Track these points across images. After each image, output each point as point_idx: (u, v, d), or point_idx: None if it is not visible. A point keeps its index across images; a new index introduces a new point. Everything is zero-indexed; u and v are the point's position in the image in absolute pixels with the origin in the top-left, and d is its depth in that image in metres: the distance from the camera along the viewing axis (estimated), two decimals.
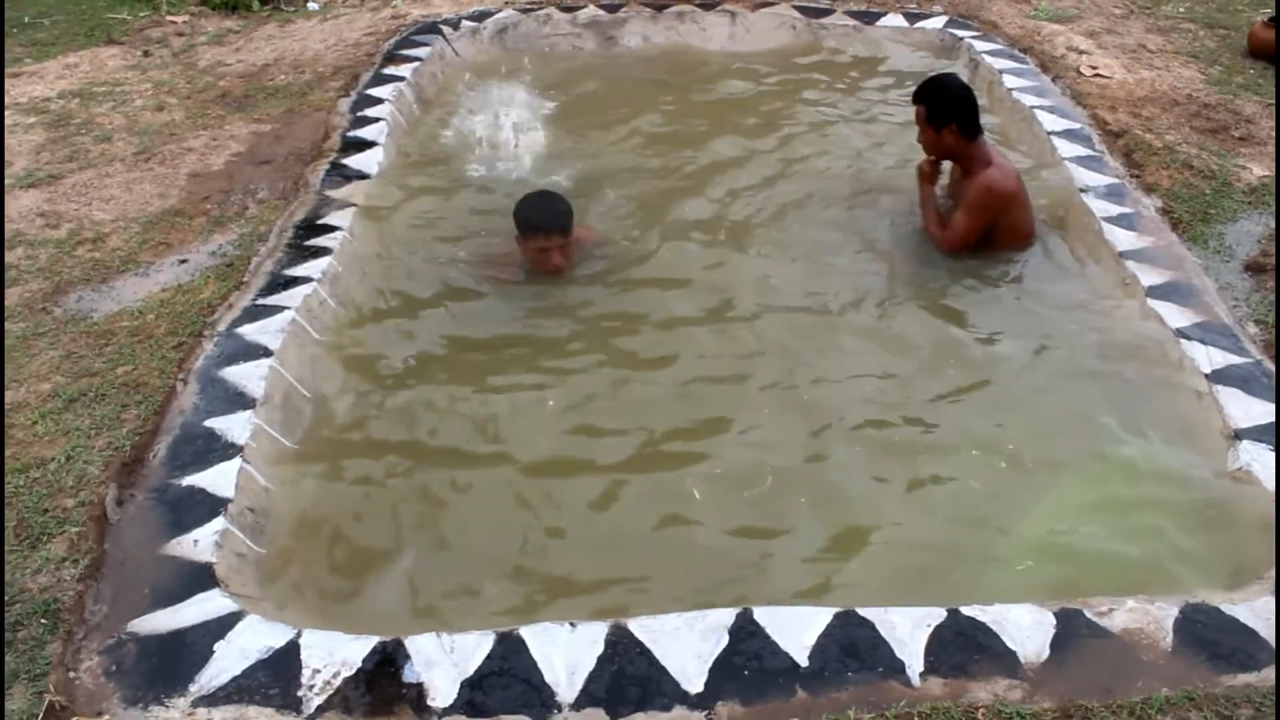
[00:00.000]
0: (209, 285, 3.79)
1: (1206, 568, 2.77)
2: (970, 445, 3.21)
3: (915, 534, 2.91)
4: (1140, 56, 5.93)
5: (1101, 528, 2.95)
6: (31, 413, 3.14)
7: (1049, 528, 2.95)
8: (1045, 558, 2.85)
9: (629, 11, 6.60)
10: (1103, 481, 3.11)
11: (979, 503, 3.03)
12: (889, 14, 6.55)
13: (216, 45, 6.54)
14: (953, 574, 2.78)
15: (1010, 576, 2.78)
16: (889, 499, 3.04)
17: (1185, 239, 4.07)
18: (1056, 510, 3.01)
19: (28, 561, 2.61)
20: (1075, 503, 3.04)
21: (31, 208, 4.42)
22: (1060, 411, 3.36)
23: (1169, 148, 4.73)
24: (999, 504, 3.02)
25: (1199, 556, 2.83)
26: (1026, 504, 3.02)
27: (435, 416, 3.36)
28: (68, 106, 5.53)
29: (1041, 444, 3.22)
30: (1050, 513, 3.00)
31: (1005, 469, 3.13)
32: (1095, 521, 2.97)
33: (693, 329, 3.77)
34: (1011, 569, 2.81)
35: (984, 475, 3.11)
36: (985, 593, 2.57)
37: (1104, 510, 3.02)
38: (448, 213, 4.53)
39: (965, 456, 3.18)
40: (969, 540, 2.91)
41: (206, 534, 2.71)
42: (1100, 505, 3.04)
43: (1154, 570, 2.77)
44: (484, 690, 2.29)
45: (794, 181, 4.75)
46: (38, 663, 2.34)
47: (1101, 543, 2.89)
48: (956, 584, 2.71)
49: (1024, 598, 2.50)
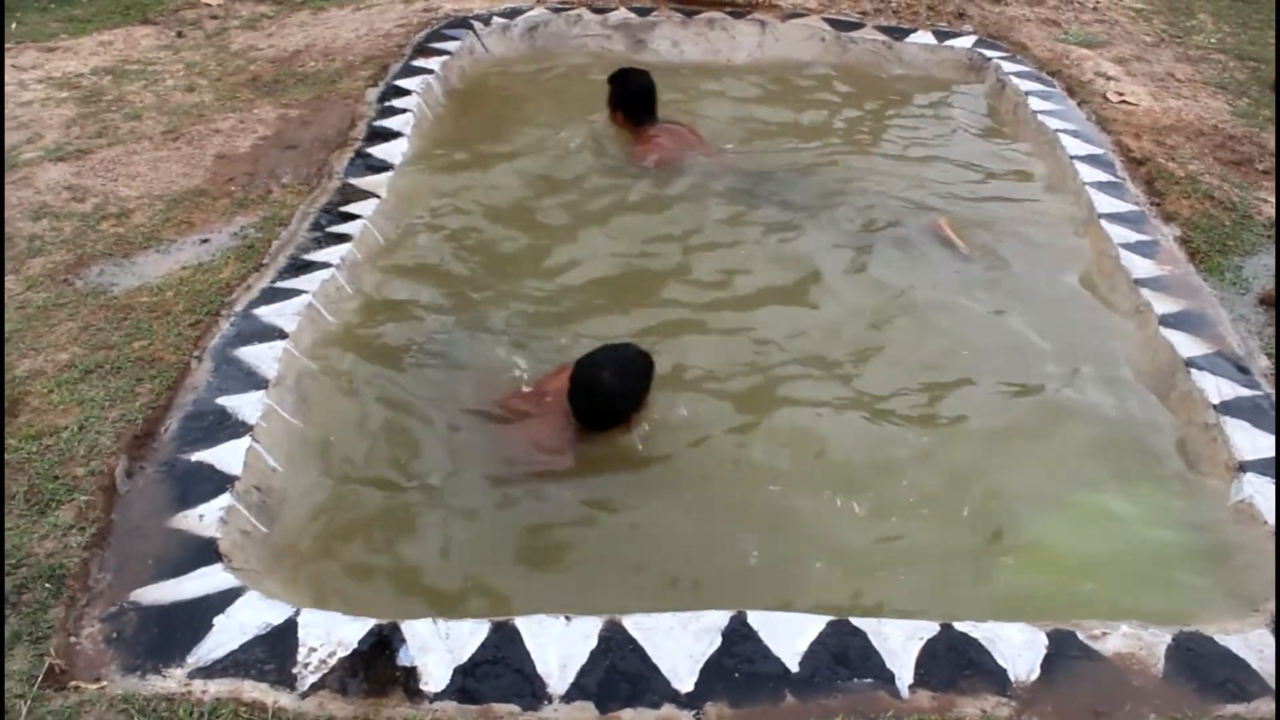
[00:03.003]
0: (229, 266, 3.84)
1: (1205, 599, 2.77)
2: (967, 467, 3.23)
3: (910, 552, 2.94)
4: (1168, 85, 5.92)
5: (1100, 556, 2.96)
6: (48, 381, 3.18)
7: (1048, 549, 2.96)
8: (1039, 572, 2.88)
9: (659, 16, 6.63)
10: (1104, 510, 3.12)
11: (976, 519, 3.04)
12: (918, 31, 6.56)
13: (249, 29, 6.60)
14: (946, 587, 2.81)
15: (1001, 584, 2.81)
16: (887, 522, 3.06)
17: (1202, 269, 4.07)
18: (1055, 534, 3.02)
19: (36, 527, 2.65)
20: (1076, 529, 3.05)
21: (59, 180, 4.47)
22: (1065, 436, 3.36)
23: (1191, 177, 4.73)
24: (998, 522, 3.03)
25: (1197, 587, 2.84)
26: (1026, 524, 3.04)
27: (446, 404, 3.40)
28: (100, 83, 5.59)
29: (1043, 470, 3.23)
30: (1049, 536, 3.01)
31: (1004, 491, 3.14)
32: (1093, 549, 2.99)
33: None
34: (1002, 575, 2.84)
35: (980, 497, 3.12)
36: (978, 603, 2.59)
37: (1103, 539, 3.03)
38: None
39: (961, 472, 3.20)
40: (967, 552, 2.94)
41: (212, 509, 2.74)
42: (1100, 534, 3.05)
43: (1151, 600, 2.78)
44: (476, 677, 2.31)
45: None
46: (40, 626, 2.38)
47: (1098, 570, 2.91)
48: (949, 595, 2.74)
49: (1014, 613, 2.52)
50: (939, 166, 5.09)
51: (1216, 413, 3.26)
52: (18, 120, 5.06)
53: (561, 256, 4.25)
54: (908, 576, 2.85)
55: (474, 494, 3.10)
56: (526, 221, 4.49)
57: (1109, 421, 3.41)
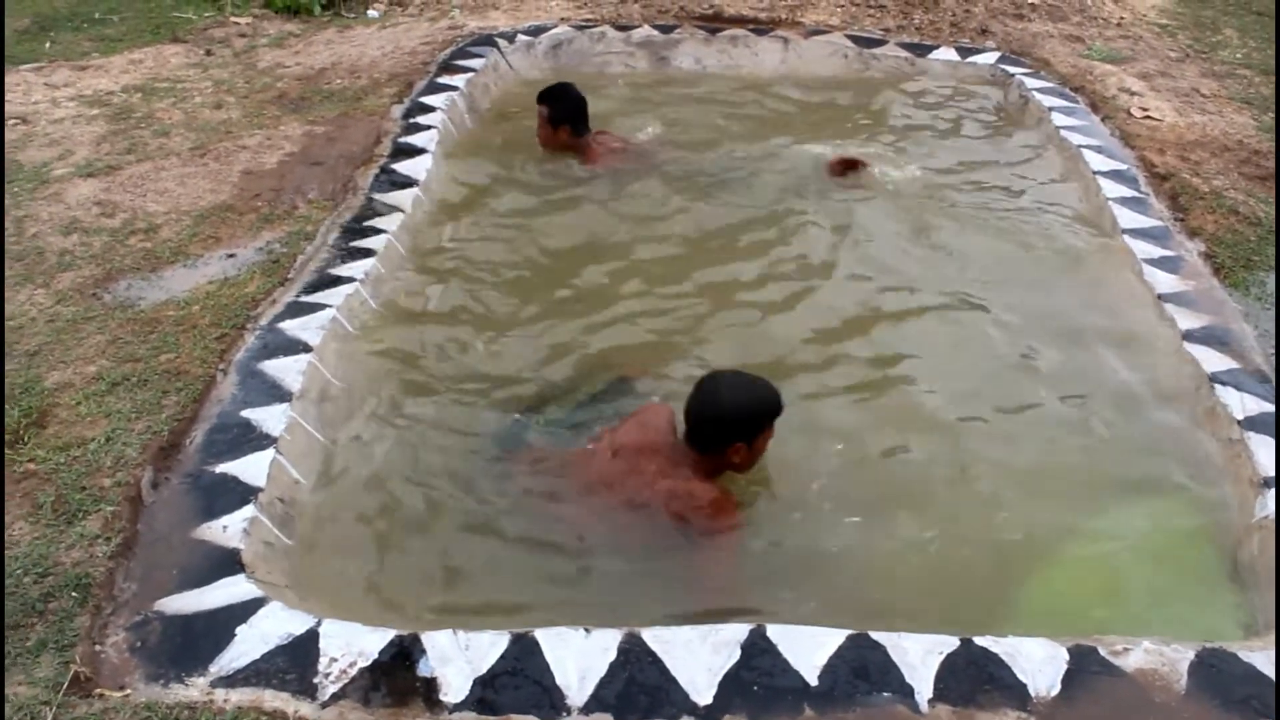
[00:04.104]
0: (254, 280, 3.88)
1: (1229, 615, 2.75)
2: (986, 482, 3.22)
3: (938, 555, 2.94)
4: (1193, 100, 5.90)
5: (1121, 573, 2.95)
6: (76, 394, 3.23)
7: (1069, 566, 2.95)
8: (1061, 590, 2.87)
9: (682, 33, 6.67)
10: (1126, 527, 3.10)
11: (996, 537, 3.03)
12: (941, 47, 6.57)
13: (277, 47, 6.68)
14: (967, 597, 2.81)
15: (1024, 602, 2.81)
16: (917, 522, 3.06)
17: (1227, 284, 4.05)
18: (1077, 551, 3.01)
19: (63, 536, 2.68)
20: (1097, 546, 3.03)
21: (89, 196, 4.54)
22: (1087, 452, 3.35)
23: (1216, 192, 4.71)
24: (1019, 539, 3.02)
25: (1221, 604, 2.81)
26: (1046, 542, 3.03)
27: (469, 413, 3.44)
28: (130, 100, 5.68)
29: (1065, 486, 3.22)
30: (1070, 553, 3.00)
31: (1023, 508, 3.13)
32: (1114, 566, 2.97)
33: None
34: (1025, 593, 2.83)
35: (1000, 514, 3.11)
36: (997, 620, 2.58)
37: (1125, 556, 3.01)
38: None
39: (980, 488, 3.19)
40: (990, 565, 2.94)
41: (236, 521, 2.77)
42: (1121, 551, 3.03)
43: (1174, 617, 2.76)
44: (495, 689, 2.32)
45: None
46: (66, 634, 2.41)
47: (1120, 587, 2.89)
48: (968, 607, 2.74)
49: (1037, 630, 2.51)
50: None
51: (1241, 428, 3.24)
52: (50, 137, 5.15)
53: (589, 268, 4.32)
54: (928, 592, 2.85)
55: (501, 492, 3.13)
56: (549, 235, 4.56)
57: (1133, 438, 3.40)
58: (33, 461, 2.95)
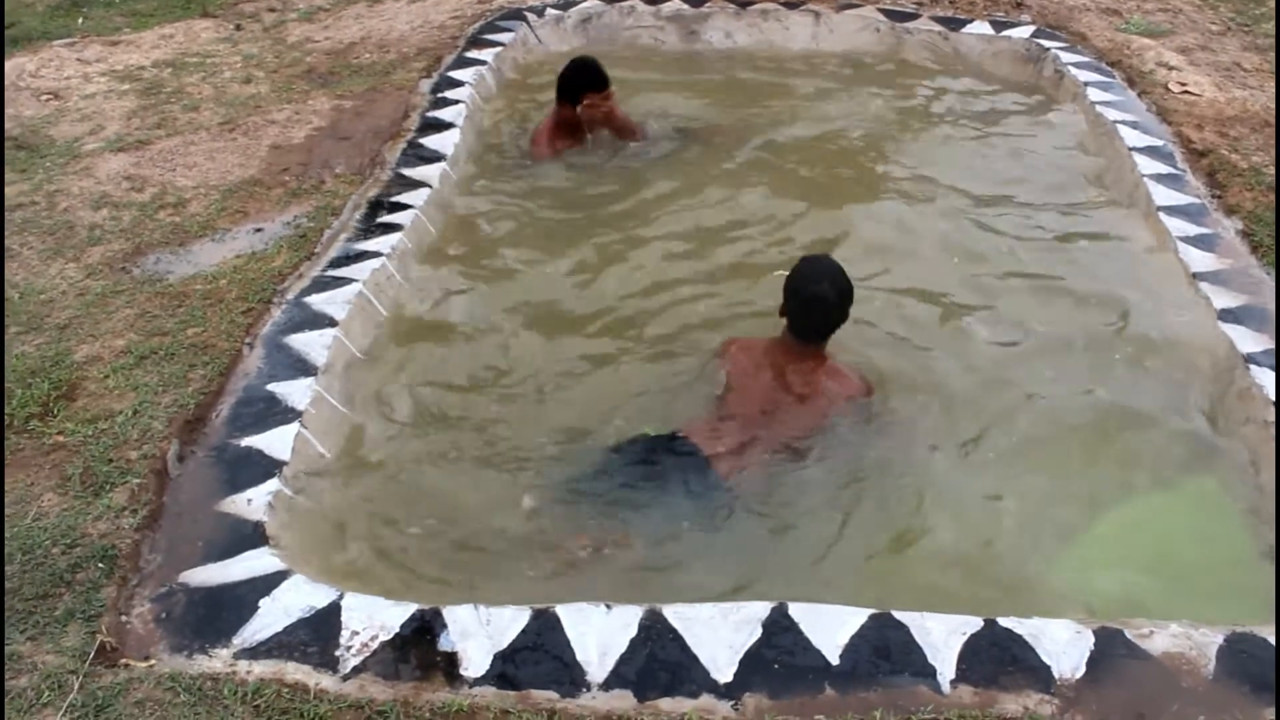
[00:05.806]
0: (281, 254, 3.89)
1: (1262, 600, 2.71)
2: (1020, 467, 3.19)
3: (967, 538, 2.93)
4: (1234, 75, 5.77)
5: (1155, 556, 2.92)
6: (104, 367, 3.26)
7: (1101, 553, 2.92)
8: (1093, 576, 2.84)
9: (712, 7, 6.60)
10: (1161, 509, 3.07)
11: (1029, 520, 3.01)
12: (975, 21, 6.46)
13: (306, 22, 6.68)
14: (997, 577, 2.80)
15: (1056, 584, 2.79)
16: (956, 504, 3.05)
17: (1264, 263, 3.97)
18: (1111, 534, 2.98)
19: (90, 508, 2.71)
20: (1131, 531, 3.00)
21: (119, 171, 4.57)
22: (1121, 433, 3.31)
23: (1255, 169, 4.61)
24: (1053, 522, 3.00)
25: (1254, 588, 2.77)
26: (1082, 525, 3.00)
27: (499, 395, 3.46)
28: (160, 75, 5.70)
29: (1099, 469, 3.18)
30: (1103, 540, 2.97)
31: (1058, 492, 3.10)
32: (1149, 549, 2.94)
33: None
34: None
35: (1042, 497, 3.09)
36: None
37: (1159, 539, 2.98)
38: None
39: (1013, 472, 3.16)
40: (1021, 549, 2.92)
41: (260, 494, 2.79)
42: (1155, 534, 3.00)
43: (1207, 601, 2.72)
44: (516, 664, 2.32)
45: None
46: (93, 604, 2.44)
47: (1156, 571, 2.86)
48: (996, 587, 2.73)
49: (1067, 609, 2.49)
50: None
51: (1276, 409, 3.18)
52: (81, 112, 5.18)
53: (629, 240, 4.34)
54: (956, 572, 2.83)
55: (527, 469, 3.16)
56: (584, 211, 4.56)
57: (1166, 418, 3.35)
58: (61, 434, 2.98)
